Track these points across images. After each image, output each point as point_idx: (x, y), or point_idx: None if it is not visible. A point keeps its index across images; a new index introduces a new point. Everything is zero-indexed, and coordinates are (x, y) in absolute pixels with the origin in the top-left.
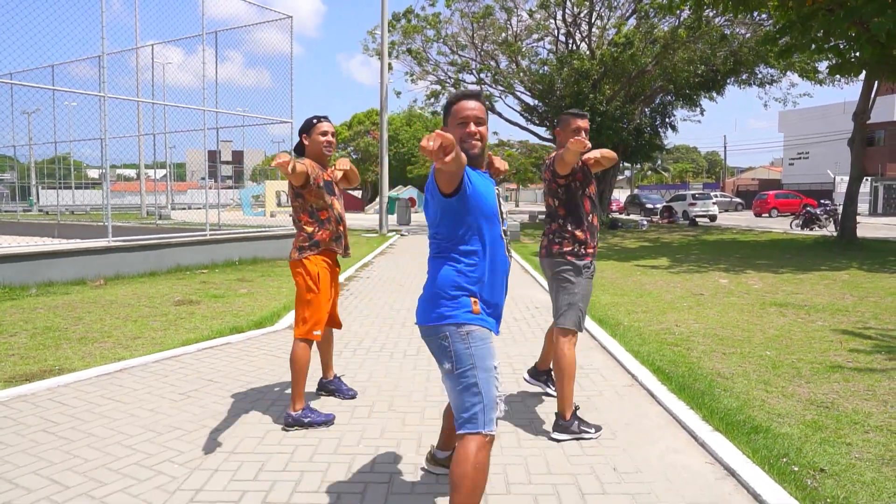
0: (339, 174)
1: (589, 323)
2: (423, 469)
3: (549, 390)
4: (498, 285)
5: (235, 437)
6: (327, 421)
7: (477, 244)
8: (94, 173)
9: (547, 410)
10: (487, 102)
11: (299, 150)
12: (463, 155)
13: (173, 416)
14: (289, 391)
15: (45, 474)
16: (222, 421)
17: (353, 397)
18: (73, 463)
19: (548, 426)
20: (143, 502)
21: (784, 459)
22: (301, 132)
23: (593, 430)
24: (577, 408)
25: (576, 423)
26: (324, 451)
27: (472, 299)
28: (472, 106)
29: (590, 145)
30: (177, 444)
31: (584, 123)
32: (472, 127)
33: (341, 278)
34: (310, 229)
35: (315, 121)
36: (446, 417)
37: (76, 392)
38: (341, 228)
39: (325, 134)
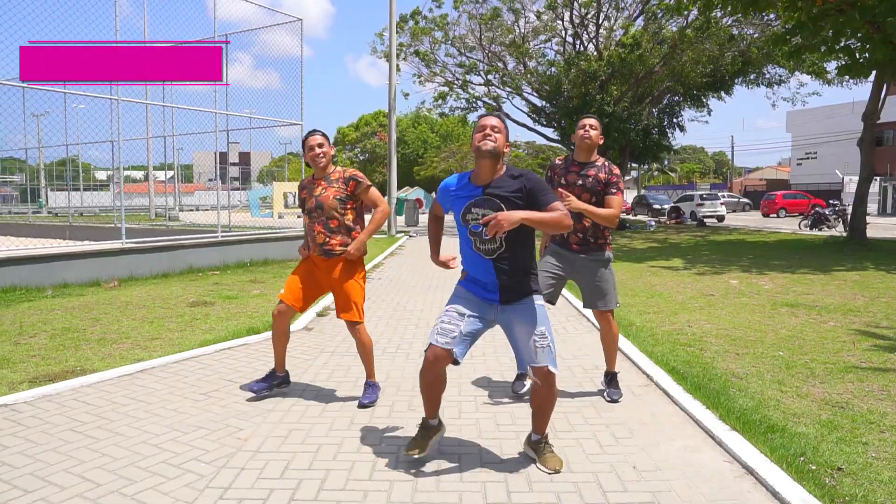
0: (326, 190)
1: None
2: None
3: (604, 390)
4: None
5: (259, 437)
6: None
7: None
8: (101, 175)
9: (564, 411)
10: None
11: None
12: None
13: (197, 416)
14: (308, 391)
15: (77, 472)
16: (245, 420)
17: (364, 406)
18: (103, 461)
19: (566, 426)
20: (173, 500)
21: (801, 458)
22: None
23: (605, 392)
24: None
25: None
26: (347, 449)
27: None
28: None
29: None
30: (202, 443)
31: (588, 121)
32: (488, 130)
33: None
34: None
35: (307, 136)
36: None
37: (100, 392)
38: (308, 240)
39: (311, 149)
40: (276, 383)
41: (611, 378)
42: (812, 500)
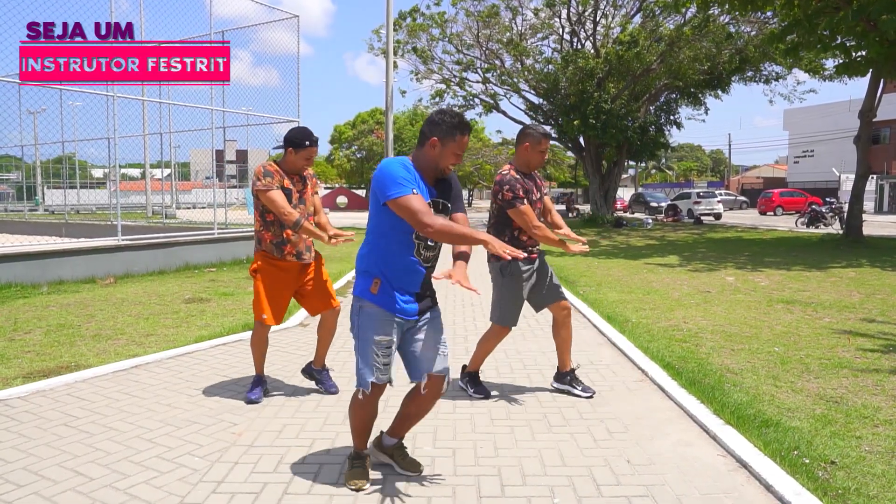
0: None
1: (597, 319)
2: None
3: (574, 390)
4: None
5: (253, 431)
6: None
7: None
8: (98, 173)
9: (559, 405)
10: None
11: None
12: None
13: (191, 411)
14: (303, 386)
15: (69, 466)
16: (239, 415)
17: (333, 393)
18: (96, 455)
19: (560, 420)
20: (166, 494)
21: (795, 452)
22: (289, 144)
23: (580, 389)
24: (576, 366)
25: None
26: (341, 444)
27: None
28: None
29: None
30: (196, 438)
31: (547, 145)
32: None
33: (348, 277)
34: (257, 228)
35: (307, 143)
36: (403, 403)
37: (94, 388)
38: (285, 235)
39: (310, 158)
40: (265, 388)
41: (572, 376)
42: (805, 494)
